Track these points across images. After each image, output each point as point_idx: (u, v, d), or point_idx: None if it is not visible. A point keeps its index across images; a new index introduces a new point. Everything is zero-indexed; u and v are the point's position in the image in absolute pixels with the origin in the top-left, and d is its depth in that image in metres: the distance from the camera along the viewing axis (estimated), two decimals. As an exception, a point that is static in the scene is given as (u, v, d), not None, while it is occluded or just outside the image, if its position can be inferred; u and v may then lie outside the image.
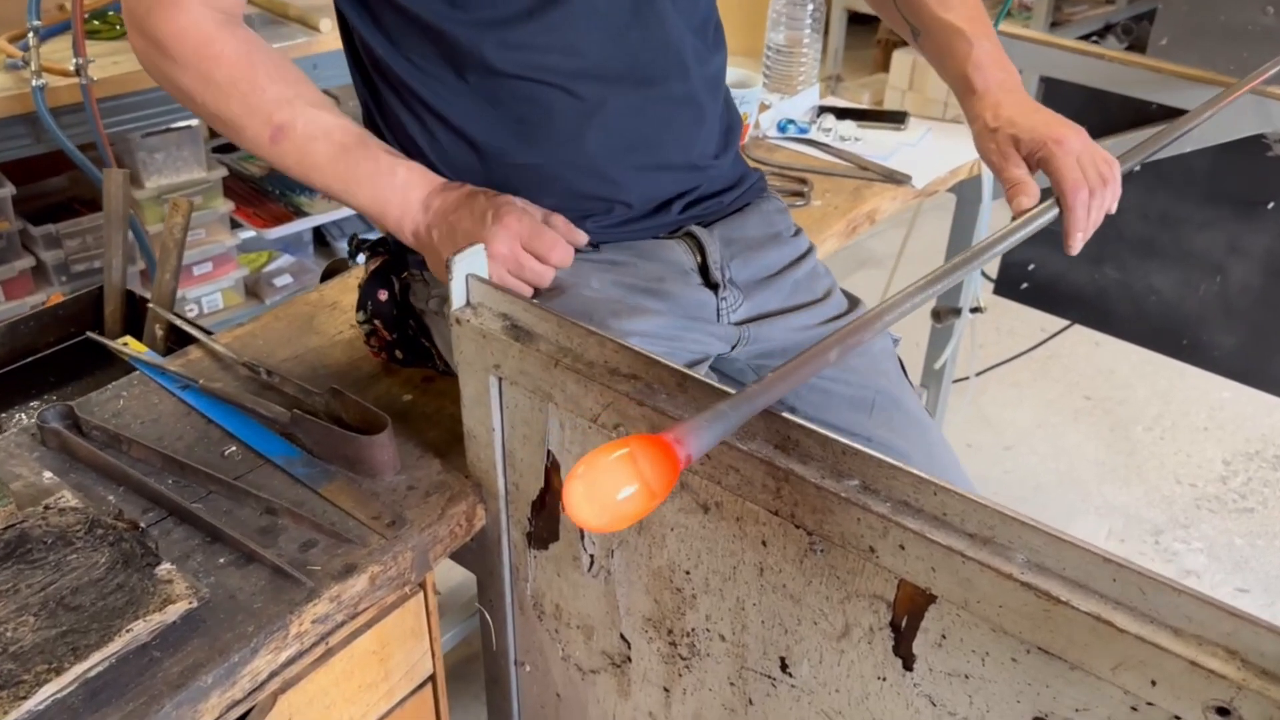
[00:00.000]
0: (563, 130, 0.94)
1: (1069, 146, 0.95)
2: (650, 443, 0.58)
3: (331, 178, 0.93)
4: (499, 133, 0.95)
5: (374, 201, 0.93)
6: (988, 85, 1.00)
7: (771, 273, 1.03)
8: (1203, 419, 2.20)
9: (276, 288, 2.29)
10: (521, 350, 0.81)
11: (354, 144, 0.92)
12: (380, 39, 0.95)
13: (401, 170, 0.93)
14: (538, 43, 0.92)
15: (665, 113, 0.97)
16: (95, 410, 1.01)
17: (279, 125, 0.90)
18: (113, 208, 1.34)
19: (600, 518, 0.56)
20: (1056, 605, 0.60)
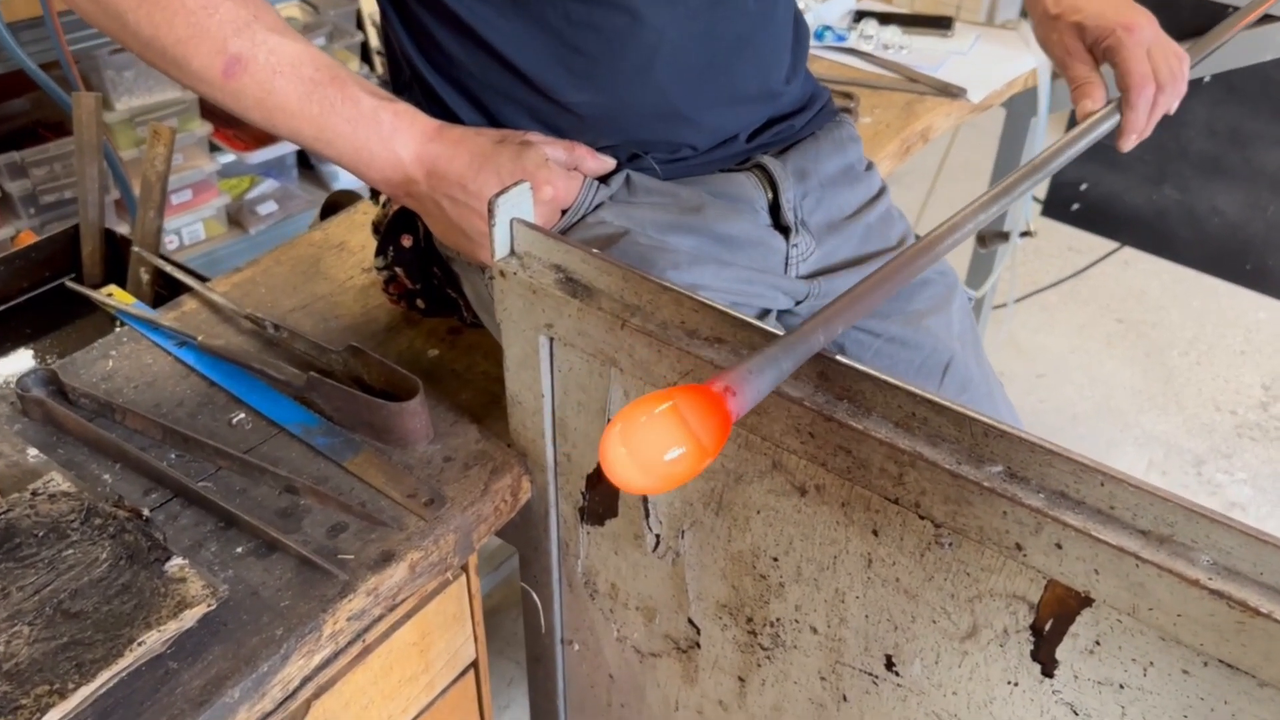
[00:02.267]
0: (628, 62, 0.81)
1: (1140, 35, 0.85)
2: (698, 395, 0.48)
3: (303, 121, 0.76)
4: (554, 66, 0.81)
5: (355, 153, 0.78)
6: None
7: (846, 215, 0.91)
8: (1239, 341, 2.11)
9: (261, 215, 2.15)
10: (580, 308, 0.69)
11: (328, 81, 0.76)
12: None
13: (387, 116, 0.77)
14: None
15: (739, 34, 0.84)
16: (81, 373, 0.89)
17: (235, 56, 0.74)
18: (84, 136, 1.20)
19: (645, 479, 0.48)
20: (1255, 617, 0.50)
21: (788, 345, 0.55)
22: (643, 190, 0.86)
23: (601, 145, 0.86)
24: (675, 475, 0.49)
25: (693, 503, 0.74)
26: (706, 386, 0.50)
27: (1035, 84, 1.44)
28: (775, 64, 0.89)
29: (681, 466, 0.49)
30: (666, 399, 0.49)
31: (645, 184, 0.86)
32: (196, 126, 1.99)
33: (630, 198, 0.85)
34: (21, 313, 1.22)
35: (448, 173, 0.78)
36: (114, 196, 1.93)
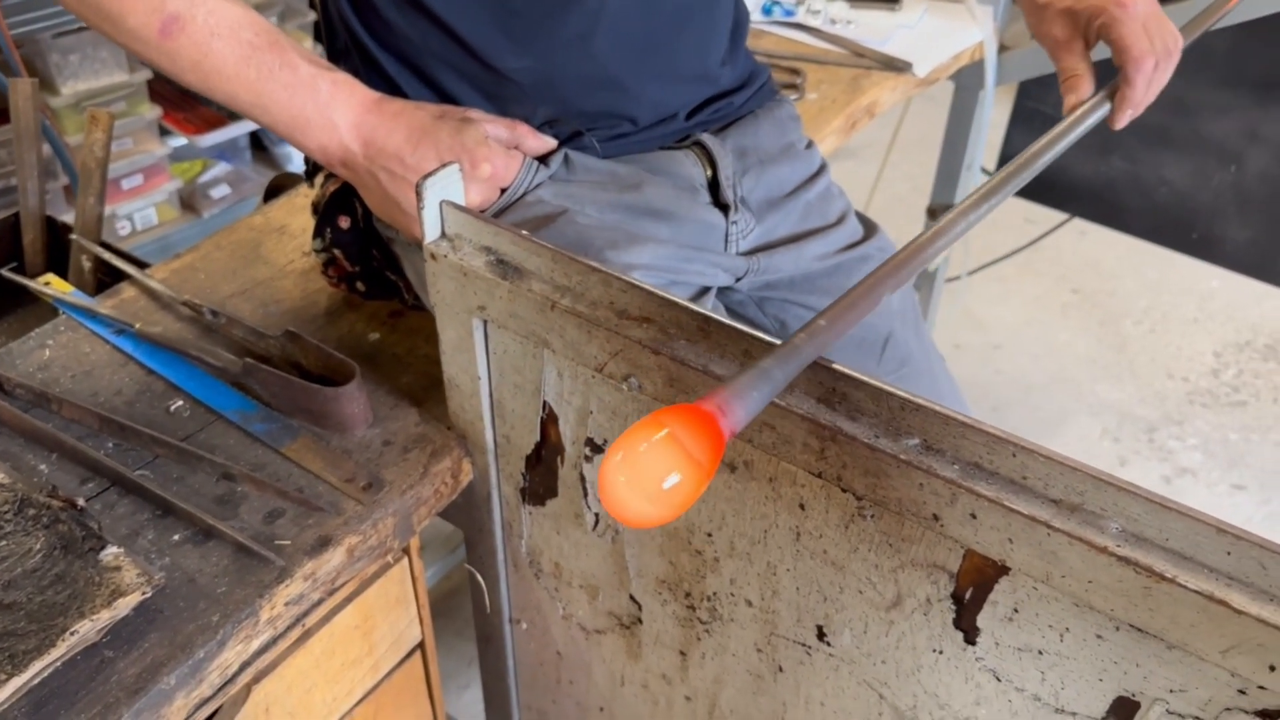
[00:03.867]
0: (568, 30, 0.81)
1: (1134, 10, 0.83)
2: (690, 416, 0.47)
3: (239, 85, 0.76)
4: (493, 32, 0.81)
5: (291, 121, 0.77)
6: None
7: (785, 192, 0.91)
8: (1192, 309, 2.14)
9: (214, 199, 2.13)
10: (511, 290, 0.70)
11: (266, 46, 0.75)
12: None
13: (325, 84, 0.77)
14: None
15: (680, 9, 0.84)
16: (18, 363, 0.88)
17: (173, 14, 0.73)
18: (23, 124, 1.18)
19: (650, 510, 0.46)
20: (1159, 582, 0.51)
21: (779, 358, 0.54)
22: (581, 169, 0.86)
23: (540, 117, 0.86)
24: (679, 501, 0.47)
25: (629, 481, 0.74)
26: (699, 406, 0.48)
27: (982, 57, 1.45)
28: (715, 43, 0.90)
29: (682, 493, 0.47)
30: (661, 425, 0.47)
31: (584, 163, 0.86)
32: (146, 110, 1.96)
33: (569, 176, 0.85)
34: (-38, 302, 1.21)
35: (385, 145, 0.78)
36: (62, 183, 1.91)
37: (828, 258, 0.92)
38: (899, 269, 0.63)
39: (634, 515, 0.46)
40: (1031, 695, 0.61)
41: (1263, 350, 2.07)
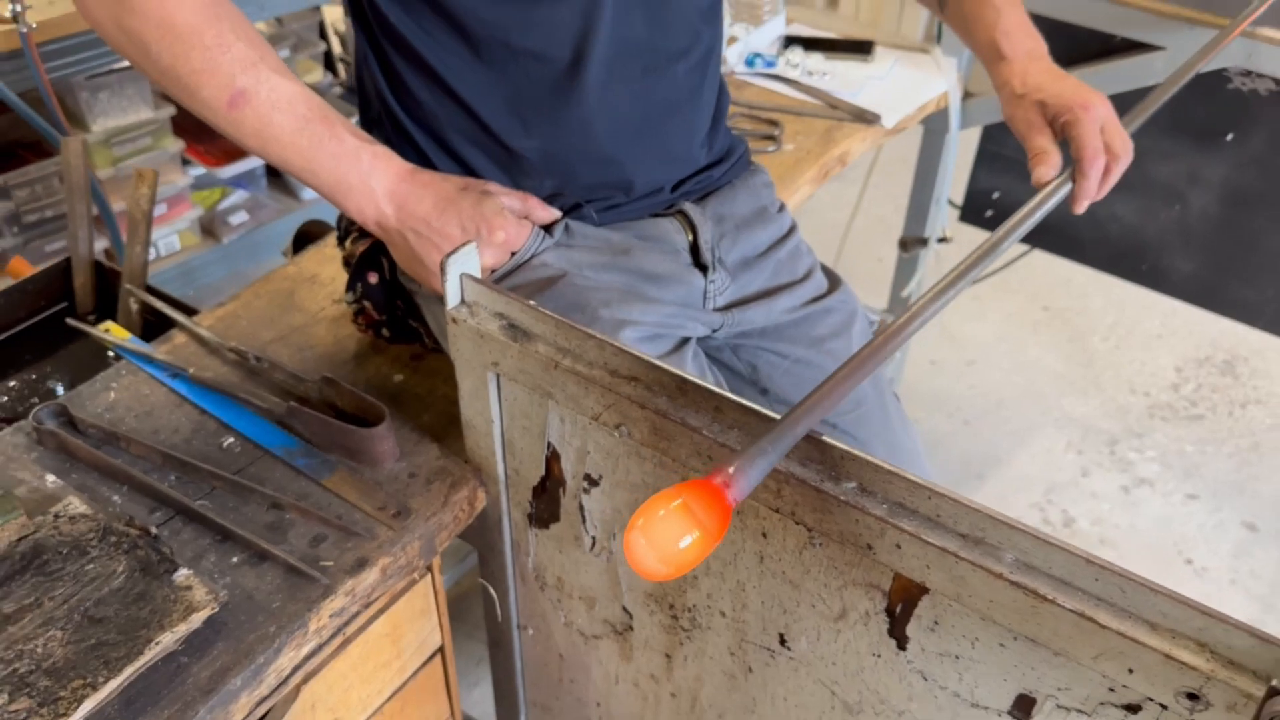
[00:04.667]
0: (572, 116, 0.93)
1: (1094, 114, 0.96)
2: (702, 489, 0.59)
3: (292, 153, 0.88)
4: (509, 114, 0.94)
5: (335, 184, 0.90)
6: (1016, 52, 1.00)
7: (758, 252, 1.04)
8: (1156, 326, 2.27)
9: (233, 225, 2.26)
10: (520, 350, 0.82)
11: (318, 120, 0.88)
12: (395, 5, 0.91)
13: (366, 155, 0.89)
14: (554, 21, 0.90)
15: (670, 101, 0.97)
16: (87, 404, 1.01)
17: (240, 90, 0.85)
18: (74, 179, 1.31)
19: (665, 567, 0.56)
20: (1043, 603, 0.64)
21: (774, 438, 0.64)
22: (580, 236, 0.99)
23: (546, 189, 0.98)
24: (689, 561, 0.56)
25: (621, 510, 0.87)
26: (709, 481, 0.58)
27: (947, 105, 1.58)
28: (698, 126, 1.02)
29: (693, 553, 0.56)
30: (677, 495, 0.57)
31: (582, 230, 0.99)
32: (170, 144, 2.09)
33: (570, 242, 0.98)
34: (20, 340, 1.34)
35: (415, 210, 0.91)
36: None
37: (795, 310, 1.05)
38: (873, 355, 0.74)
39: (651, 571, 0.57)
40: (952, 692, 0.74)
41: (1221, 365, 2.20)
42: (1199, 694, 0.61)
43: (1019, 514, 1.85)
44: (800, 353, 1.05)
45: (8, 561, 0.83)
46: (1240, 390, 2.15)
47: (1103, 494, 1.90)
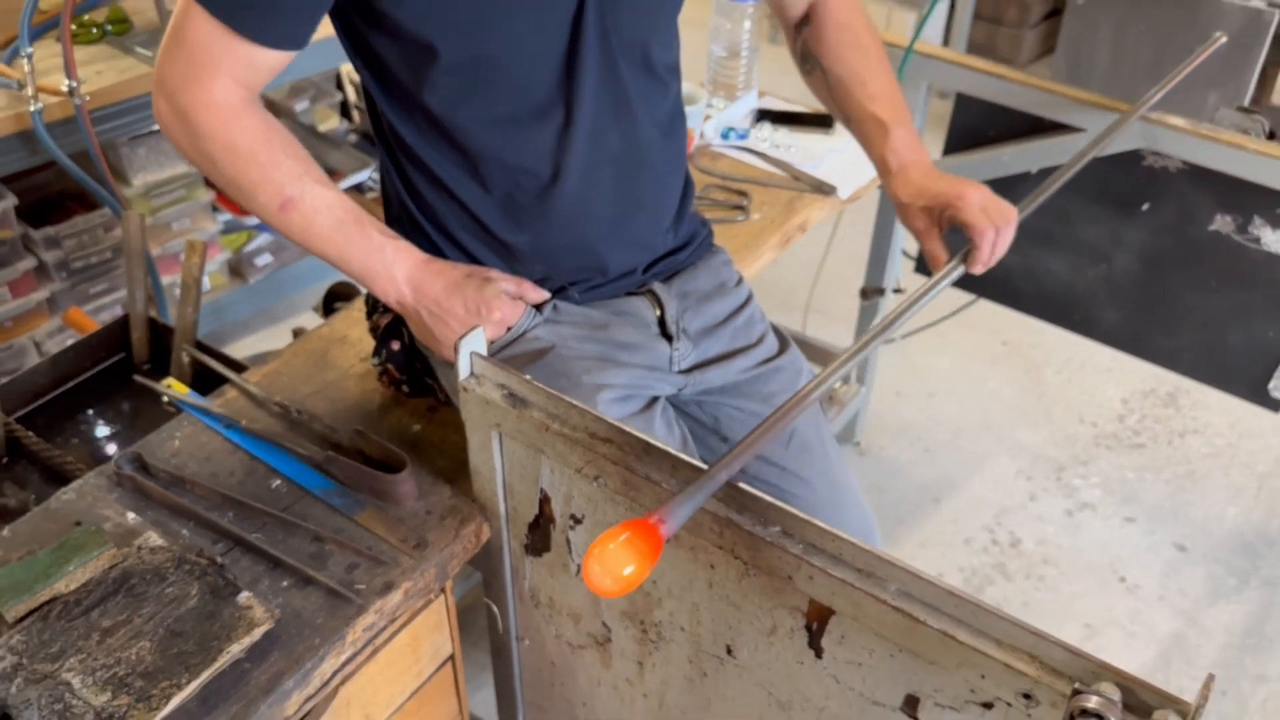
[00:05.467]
0: (557, 215, 1.13)
1: (970, 200, 1.16)
2: (641, 527, 0.79)
3: (329, 246, 1.08)
4: (503, 214, 1.13)
5: (364, 271, 1.09)
6: (901, 165, 1.20)
7: (717, 322, 1.24)
8: (1107, 361, 2.46)
9: (258, 267, 2.46)
10: (518, 415, 1.02)
11: (351, 220, 1.07)
12: (409, 128, 1.10)
13: (389, 248, 1.09)
14: (537, 141, 1.09)
15: (639, 197, 1.16)
16: (156, 451, 1.21)
17: (289, 197, 1.05)
18: (132, 247, 1.51)
19: (615, 587, 0.77)
20: (917, 624, 0.84)
21: (700, 485, 0.83)
22: (565, 313, 1.18)
23: (536, 274, 1.18)
24: (632, 581, 0.76)
25: (600, 544, 1.07)
26: (646, 520, 0.78)
27: (899, 174, 1.77)
28: (666, 219, 1.22)
29: (635, 575, 0.76)
30: (623, 531, 0.77)
31: (566, 308, 1.19)
32: (201, 194, 2.29)
33: (557, 319, 1.18)
34: (83, 388, 1.54)
35: (428, 292, 1.10)
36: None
37: (749, 370, 1.25)
38: (784, 416, 0.94)
39: (604, 590, 0.77)
40: (858, 693, 0.94)
41: (1164, 398, 2.40)
42: (1031, 694, 0.81)
43: (971, 535, 2.05)
44: (754, 406, 1.24)
45: (103, 585, 1.03)
46: (1180, 421, 2.34)
47: (1048, 517, 2.09)
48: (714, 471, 0.86)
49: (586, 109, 1.08)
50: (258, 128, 1.03)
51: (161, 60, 1.01)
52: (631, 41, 1.09)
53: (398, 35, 1.01)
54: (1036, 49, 3.84)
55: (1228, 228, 1.62)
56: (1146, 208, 1.68)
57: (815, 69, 1.28)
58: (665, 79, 1.16)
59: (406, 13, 0.99)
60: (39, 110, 1.86)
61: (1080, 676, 0.78)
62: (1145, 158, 1.64)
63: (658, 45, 1.13)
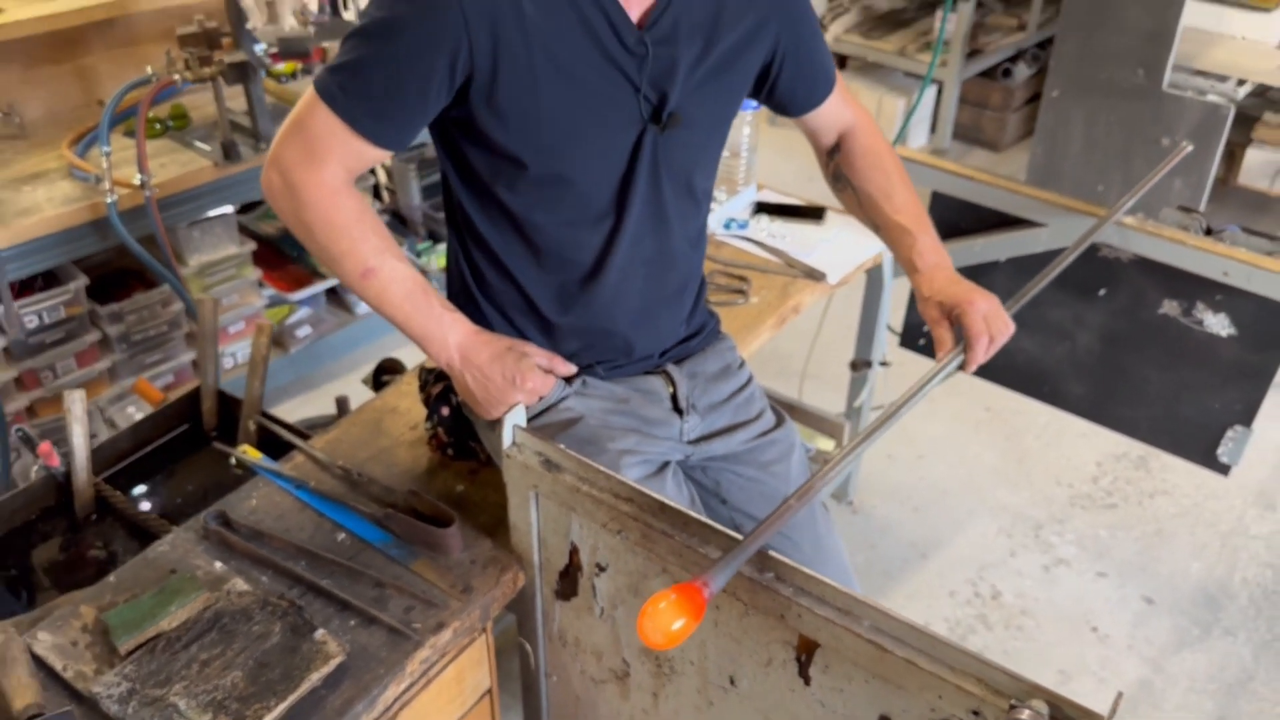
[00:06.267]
0: (596, 303, 1.33)
1: (977, 307, 1.33)
2: (688, 589, 0.97)
3: (398, 312, 1.27)
4: (553, 299, 1.33)
5: (423, 335, 1.28)
6: (925, 266, 1.38)
7: (721, 399, 1.44)
8: (1081, 426, 2.63)
9: (298, 338, 2.66)
10: (553, 479, 1.21)
11: (419, 292, 1.26)
12: (485, 221, 1.29)
13: (447, 318, 1.29)
14: (591, 241, 1.30)
15: (664, 295, 1.38)
16: (237, 509, 1.40)
17: (371, 268, 1.24)
18: (206, 329, 1.72)
19: (665, 641, 0.94)
20: (886, 653, 1.02)
21: (736, 554, 1.01)
22: (593, 387, 1.38)
23: (570, 349, 1.37)
24: (679, 636, 0.93)
25: (621, 589, 1.25)
26: (693, 584, 0.95)
27: (881, 262, 1.99)
28: (683, 312, 1.43)
29: (682, 632, 0.93)
30: (672, 593, 0.94)
31: (594, 384, 1.38)
32: (249, 273, 2.51)
33: (585, 392, 1.38)
34: (159, 452, 1.73)
35: (474, 360, 1.29)
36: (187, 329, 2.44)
37: (749, 441, 1.44)
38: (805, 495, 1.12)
39: (656, 644, 0.95)
40: (841, 714, 1.11)
41: (1135, 461, 2.58)
42: (979, 711, 0.99)
43: (955, 587, 2.22)
44: (752, 473, 1.44)
45: (200, 624, 1.22)
46: (1150, 482, 2.52)
47: (1026, 572, 2.27)
48: (746, 544, 1.04)
49: (632, 219, 1.29)
50: (354, 207, 1.23)
51: (280, 141, 1.20)
52: (677, 171, 1.30)
53: (494, 150, 1.22)
54: (1020, 131, 4.09)
55: (1174, 312, 1.83)
56: (1103, 293, 1.88)
57: (847, 187, 1.49)
58: (700, 201, 1.38)
59: (507, 136, 1.20)
60: (114, 202, 2.08)
61: (1017, 695, 0.96)
62: (1101, 249, 1.84)
63: (699, 175, 1.35)
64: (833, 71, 1.44)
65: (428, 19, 1.12)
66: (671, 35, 1.21)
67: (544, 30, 1.15)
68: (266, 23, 2.12)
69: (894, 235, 1.44)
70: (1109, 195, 3.06)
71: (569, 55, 1.17)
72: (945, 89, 3.85)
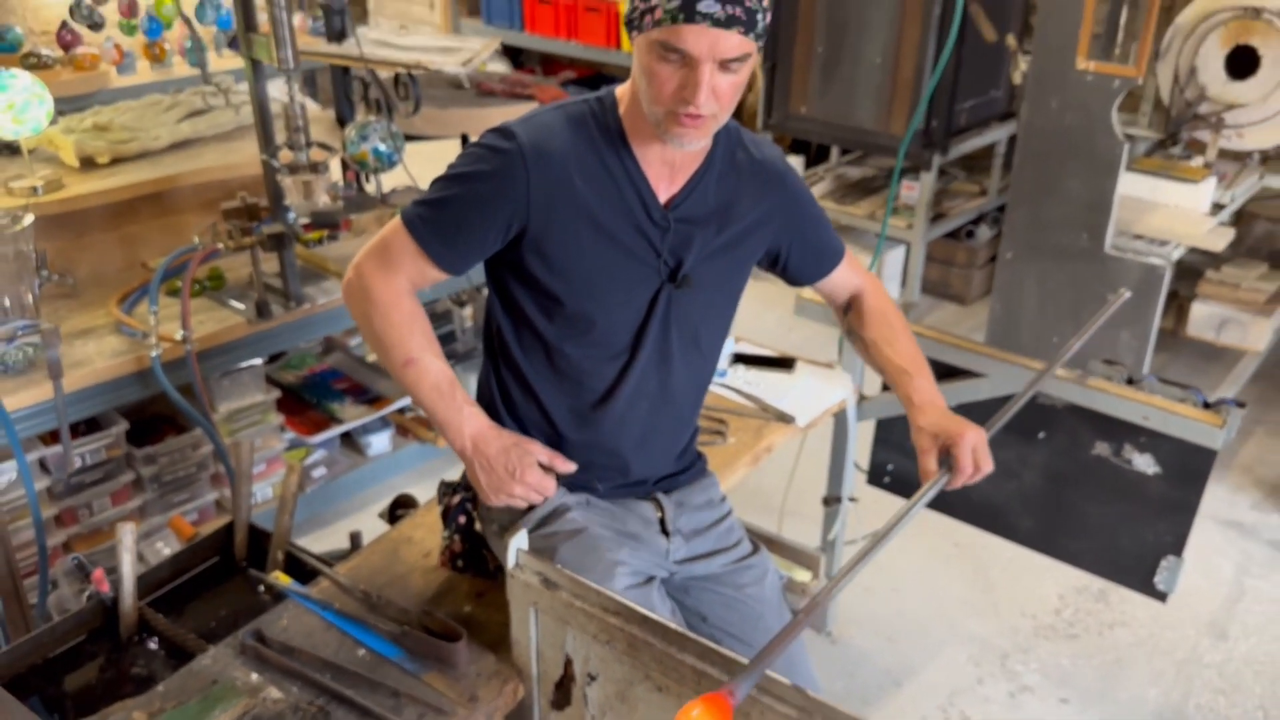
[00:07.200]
0: (603, 425, 1.55)
1: (966, 441, 1.54)
2: (715, 699, 1.14)
3: (427, 399, 1.50)
4: (569, 418, 1.56)
5: (444, 422, 1.50)
6: (921, 402, 1.59)
7: (704, 527, 1.64)
8: (1044, 561, 2.82)
9: (314, 479, 2.87)
10: (550, 596, 1.40)
11: (446, 386, 1.49)
12: (519, 347, 1.53)
13: (466, 410, 1.50)
14: (608, 372, 1.53)
15: (662, 428, 1.60)
16: (269, 627, 1.58)
17: (412, 359, 1.48)
18: (241, 469, 1.93)
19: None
20: (836, 742, 1.19)
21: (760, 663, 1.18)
22: (593, 505, 1.59)
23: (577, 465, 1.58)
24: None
25: (609, 697, 1.42)
26: (720, 695, 1.13)
27: (846, 407, 2.22)
28: (677, 448, 1.65)
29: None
30: (701, 703, 1.11)
31: (595, 501, 1.59)
32: (272, 418, 2.73)
33: (586, 506, 1.58)
34: (193, 580, 1.91)
35: (484, 450, 1.50)
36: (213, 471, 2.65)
37: (727, 565, 1.64)
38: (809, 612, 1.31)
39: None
40: (801, 804, 1.27)
41: (1095, 594, 2.75)
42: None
43: (927, 713, 2.35)
44: (730, 594, 1.62)
45: (239, 727, 1.38)
46: (1110, 614, 2.68)
47: (993, 698, 2.41)
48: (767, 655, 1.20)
49: (642, 358, 1.53)
50: (410, 308, 1.49)
51: (364, 252, 1.48)
52: (685, 323, 1.55)
53: (536, 287, 1.48)
54: (985, 286, 4.40)
55: (1106, 452, 2.05)
56: (1043, 436, 2.11)
57: (858, 339, 1.74)
58: (706, 354, 1.62)
59: (550, 277, 1.46)
60: (158, 355, 2.32)
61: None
62: (1039, 397, 2.08)
63: (705, 330, 1.59)
64: (839, 248, 1.71)
65: (500, 178, 1.41)
66: (691, 216, 1.50)
67: (590, 201, 1.44)
68: (302, 199, 2.41)
69: (895, 377, 1.67)
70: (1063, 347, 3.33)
71: (607, 221, 1.45)
72: (913, 249, 4.18)
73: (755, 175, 1.55)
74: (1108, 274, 3.22)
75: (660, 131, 1.40)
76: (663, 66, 1.33)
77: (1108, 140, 3.06)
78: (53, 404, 2.19)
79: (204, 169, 2.86)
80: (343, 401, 2.95)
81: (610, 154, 1.45)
